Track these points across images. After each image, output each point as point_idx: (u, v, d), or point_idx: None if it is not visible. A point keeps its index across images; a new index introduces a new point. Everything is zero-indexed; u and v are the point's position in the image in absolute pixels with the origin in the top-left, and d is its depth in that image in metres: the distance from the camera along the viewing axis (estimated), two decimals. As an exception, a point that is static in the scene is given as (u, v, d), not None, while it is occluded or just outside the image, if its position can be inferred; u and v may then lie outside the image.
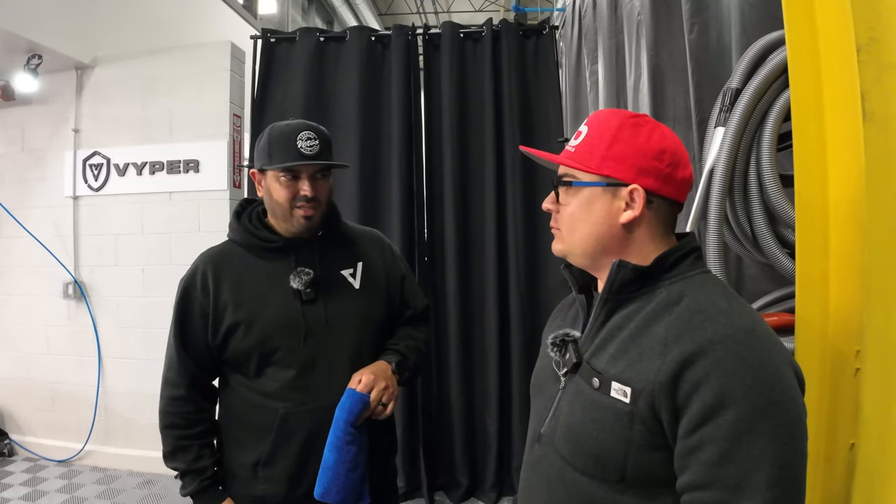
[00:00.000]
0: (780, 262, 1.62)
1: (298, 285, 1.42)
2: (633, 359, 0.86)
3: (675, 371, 0.80)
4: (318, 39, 3.38)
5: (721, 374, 0.77)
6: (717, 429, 0.76)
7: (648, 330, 0.87)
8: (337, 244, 1.55)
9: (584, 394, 0.91)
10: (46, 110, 3.97)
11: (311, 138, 1.39)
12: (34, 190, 3.99)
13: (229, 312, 1.42)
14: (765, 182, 1.55)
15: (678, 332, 0.83)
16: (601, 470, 0.87)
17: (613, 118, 0.95)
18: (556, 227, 1.02)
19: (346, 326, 1.46)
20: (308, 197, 1.40)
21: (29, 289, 4.01)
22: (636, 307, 0.91)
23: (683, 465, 0.80)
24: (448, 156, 3.24)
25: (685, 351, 0.80)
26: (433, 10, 11.34)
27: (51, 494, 3.40)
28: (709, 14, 2.25)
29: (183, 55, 3.82)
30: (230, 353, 1.44)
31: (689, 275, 0.92)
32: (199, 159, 3.68)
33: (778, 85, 1.56)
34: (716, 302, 0.86)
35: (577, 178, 0.96)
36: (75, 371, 3.89)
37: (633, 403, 0.84)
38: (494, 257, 3.17)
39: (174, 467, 1.46)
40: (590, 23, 3.93)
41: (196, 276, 1.48)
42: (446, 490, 3.28)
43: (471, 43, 3.36)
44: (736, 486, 0.75)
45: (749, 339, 0.80)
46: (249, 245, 1.49)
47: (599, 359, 0.92)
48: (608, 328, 0.93)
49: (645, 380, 0.83)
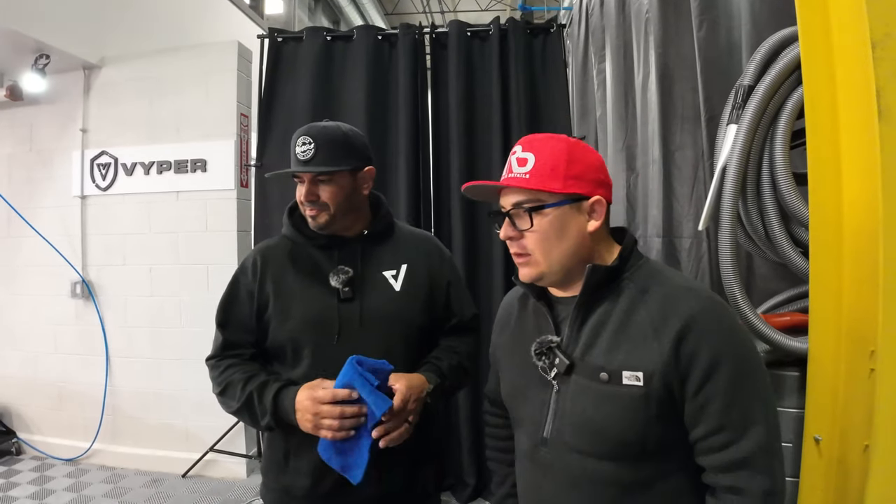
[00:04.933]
0: (794, 261, 1.60)
1: (336, 283, 1.45)
2: (630, 348, 0.99)
3: (673, 348, 0.95)
4: (326, 39, 3.38)
5: (708, 341, 0.95)
6: (716, 384, 0.94)
7: (631, 321, 1.00)
8: (383, 244, 1.55)
9: (593, 389, 1.01)
10: (54, 110, 3.99)
11: (306, 143, 1.42)
12: (42, 190, 4.01)
13: (271, 301, 1.47)
14: (778, 180, 1.53)
15: (661, 317, 0.98)
16: (624, 450, 0.99)
17: (560, 142, 1.06)
18: (523, 252, 1.07)
19: (379, 327, 1.46)
20: (304, 201, 1.44)
21: (37, 288, 4.03)
22: (609, 303, 1.04)
23: (695, 421, 0.96)
24: (455, 155, 3.22)
25: (675, 328, 0.95)
26: (439, 10, 11.34)
27: (58, 493, 3.41)
28: (718, 11, 2.23)
29: (190, 55, 3.83)
30: (269, 342, 1.48)
31: (640, 264, 1.07)
32: (207, 159, 3.70)
33: (791, 82, 1.54)
34: (676, 283, 1.03)
35: (543, 201, 1.03)
36: (83, 370, 3.91)
37: (647, 386, 0.96)
38: (501, 257, 3.16)
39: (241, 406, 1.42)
40: (597, 21, 3.91)
41: (248, 262, 1.54)
42: (453, 490, 3.27)
43: (478, 42, 3.34)
44: (742, 423, 0.94)
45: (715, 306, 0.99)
46: (297, 241, 1.52)
47: (593, 355, 1.02)
48: (590, 326, 1.04)
49: (652, 362, 0.96)
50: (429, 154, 3.33)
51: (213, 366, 1.51)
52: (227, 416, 1.53)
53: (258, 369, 1.47)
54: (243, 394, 1.40)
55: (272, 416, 1.37)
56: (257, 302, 1.48)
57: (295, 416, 1.35)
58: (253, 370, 1.45)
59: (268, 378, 1.43)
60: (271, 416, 1.37)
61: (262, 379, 1.42)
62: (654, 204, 2.70)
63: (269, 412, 1.37)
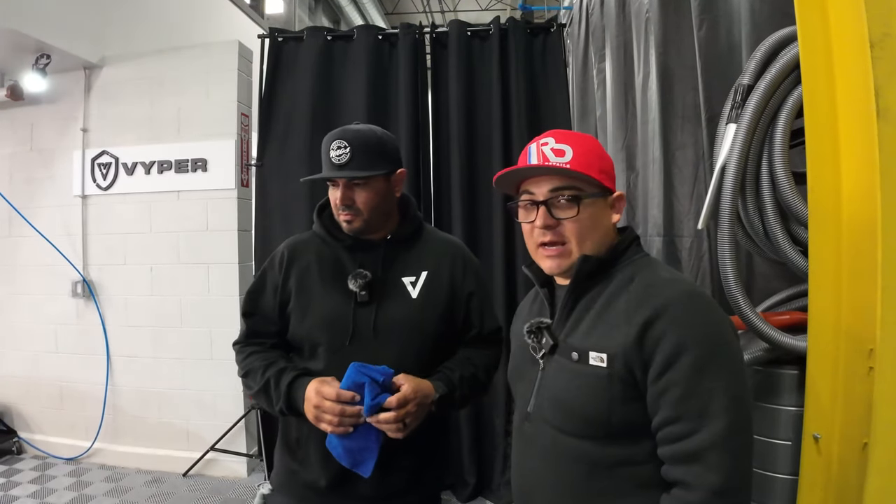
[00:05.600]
0: (793, 260, 1.61)
1: (354, 286, 1.45)
2: (604, 331, 1.03)
3: (639, 332, 0.97)
4: (326, 38, 3.39)
5: (675, 328, 0.96)
6: (678, 372, 0.94)
7: (611, 307, 1.05)
8: (407, 249, 1.54)
9: (566, 367, 1.07)
10: (55, 110, 3.99)
11: (341, 147, 1.41)
12: (43, 189, 4.01)
13: (293, 297, 1.49)
14: (777, 179, 1.54)
15: (637, 304, 1.01)
16: (590, 428, 1.02)
17: (589, 137, 1.15)
18: (558, 241, 1.10)
19: (392, 334, 1.45)
20: (339, 206, 1.44)
21: (38, 288, 4.03)
22: (597, 291, 1.09)
23: (655, 408, 0.97)
24: (455, 154, 3.23)
25: (645, 315, 0.98)
26: (439, 10, 11.34)
27: (59, 492, 3.41)
28: (718, 11, 2.23)
29: (191, 54, 3.83)
30: (290, 336, 1.51)
31: (635, 258, 1.11)
32: (207, 158, 3.70)
33: (790, 81, 1.54)
34: (661, 275, 1.07)
35: (582, 190, 1.08)
36: (84, 369, 3.91)
37: (609, 366, 1.00)
38: (502, 256, 3.17)
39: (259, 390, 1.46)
40: (597, 20, 3.90)
41: (276, 255, 1.57)
42: (454, 489, 3.28)
43: (478, 41, 3.35)
44: (699, 415, 0.92)
45: (692, 298, 1.00)
46: (325, 239, 1.54)
47: (574, 337, 1.08)
48: (577, 311, 1.10)
49: (618, 345, 0.99)
50: (429, 154, 3.34)
51: (238, 350, 1.56)
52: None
53: (278, 357, 1.50)
54: (262, 379, 1.44)
55: (285, 402, 1.40)
56: (280, 296, 1.51)
57: (303, 405, 1.37)
58: (273, 357, 1.49)
59: (286, 366, 1.46)
60: (284, 402, 1.40)
61: (280, 366, 1.46)
62: (654, 203, 2.71)
63: (283, 398, 1.40)
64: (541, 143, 1.11)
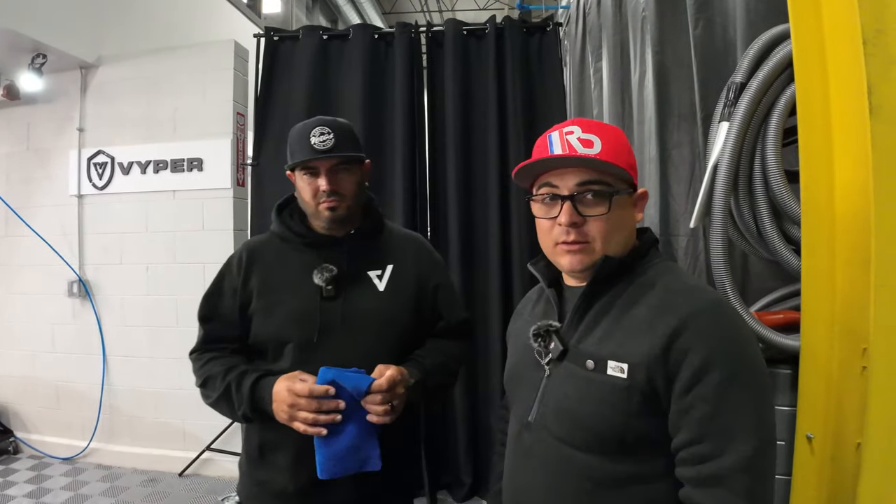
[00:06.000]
0: (786, 258, 1.60)
1: (320, 281, 1.43)
2: (622, 339, 0.95)
3: (664, 343, 0.90)
4: (322, 38, 3.38)
5: (703, 341, 0.89)
6: (705, 388, 0.87)
7: (630, 313, 0.97)
8: (370, 244, 1.54)
9: (579, 376, 0.99)
10: (51, 109, 3.99)
11: (325, 133, 1.41)
12: (39, 189, 4.02)
13: (254, 297, 1.46)
14: (770, 178, 1.53)
15: (659, 311, 0.94)
16: (600, 442, 0.95)
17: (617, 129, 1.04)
18: (582, 240, 1.00)
19: (360, 327, 1.44)
20: (327, 191, 1.42)
21: (34, 287, 4.03)
22: (614, 294, 1.01)
23: (678, 426, 0.90)
24: (451, 153, 3.22)
25: (671, 325, 0.91)
26: (437, 9, 11.33)
27: (55, 492, 3.41)
28: (714, 10, 2.22)
29: (187, 54, 3.84)
30: (252, 338, 1.48)
31: (655, 262, 1.04)
32: (203, 158, 3.70)
33: (783, 79, 1.54)
34: (685, 282, 1.00)
35: (612, 186, 0.99)
36: (80, 369, 3.91)
37: (630, 378, 0.92)
38: (498, 255, 3.16)
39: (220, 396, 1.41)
40: (594, 20, 3.90)
41: (234, 257, 1.54)
42: (450, 489, 3.27)
43: (474, 40, 3.34)
44: (725, 436, 0.86)
45: (719, 309, 0.94)
46: (286, 238, 1.52)
47: (587, 343, 1.00)
48: (591, 315, 1.02)
49: (640, 354, 0.92)
50: (425, 153, 3.33)
51: (196, 359, 1.52)
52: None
53: (239, 361, 1.46)
54: (222, 384, 1.40)
55: (249, 405, 1.36)
56: (241, 298, 1.47)
57: (271, 406, 1.34)
58: (234, 362, 1.45)
59: (247, 368, 1.43)
60: (248, 405, 1.36)
61: (241, 369, 1.42)
62: (650, 202, 2.69)
63: (247, 400, 1.36)
64: (565, 132, 1.01)
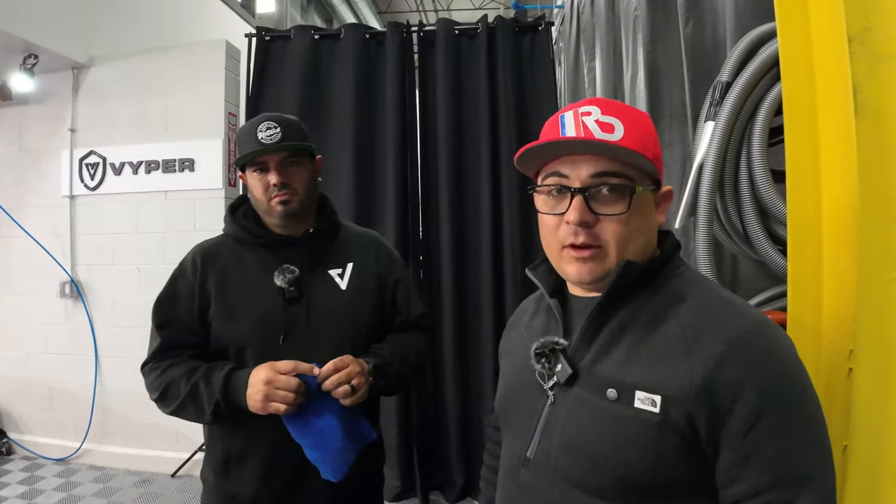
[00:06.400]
0: (772, 259, 1.59)
1: (282, 283, 1.41)
2: (650, 364, 0.79)
3: (709, 373, 0.75)
4: (313, 37, 3.37)
5: (758, 372, 0.74)
6: (767, 429, 0.73)
7: (658, 331, 0.81)
8: (328, 243, 1.53)
9: (596, 407, 0.82)
10: (43, 110, 3.98)
11: (271, 128, 1.39)
12: (31, 189, 4.00)
13: (213, 301, 1.42)
14: (756, 177, 1.52)
15: (697, 330, 0.78)
16: (622, 489, 0.79)
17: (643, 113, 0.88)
18: (593, 244, 0.84)
19: (327, 327, 1.43)
20: (278, 185, 1.39)
21: (26, 288, 4.02)
22: (635, 307, 0.84)
23: (736, 475, 0.75)
24: (443, 153, 3.21)
25: (715, 351, 0.75)
26: (433, 9, 11.33)
27: (48, 493, 3.40)
28: (703, 9, 2.22)
29: (178, 54, 3.82)
30: (212, 344, 1.43)
31: (680, 271, 0.88)
32: (195, 158, 3.69)
33: (769, 78, 1.53)
34: (721, 296, 0.84)
35: (633, 179, 0.83)
36: (73, 370, 3.90)
37: (663, 413, 0.76)
38: (490, 255, 3.15)
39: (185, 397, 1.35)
40: (588, 19, 3.90)
41: (187, 260, 1.48)
42: (442, 489, 3.27)
43: (466, 40, 3.33)
44: (797, 480, 0.73)
45: (767, 330, 0.78)
46: (240, 239, 1.48)
47: (604, 366, 0.83)
48: (607, 332, 0.85)
49: (677, 385, 0.76)
50: (416, 152, 3.32)
51: (151, 370, 1.42)
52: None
53: (201, 364, 1.39)
54: (188, 385, 1.34)
55: (222, 394, 1.31)
56: (199, 302, 1.42)
57: (244, 395, 1.29)
58: (195, 364, 1.39)
59: (213, 365, 1.37)
60: (221, 395, 1.31)
61: (207, 367, 1.37)
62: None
63: (219, 391, 1.31)
64: (581, 112, 0.84)
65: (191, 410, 1.36)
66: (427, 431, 3.23)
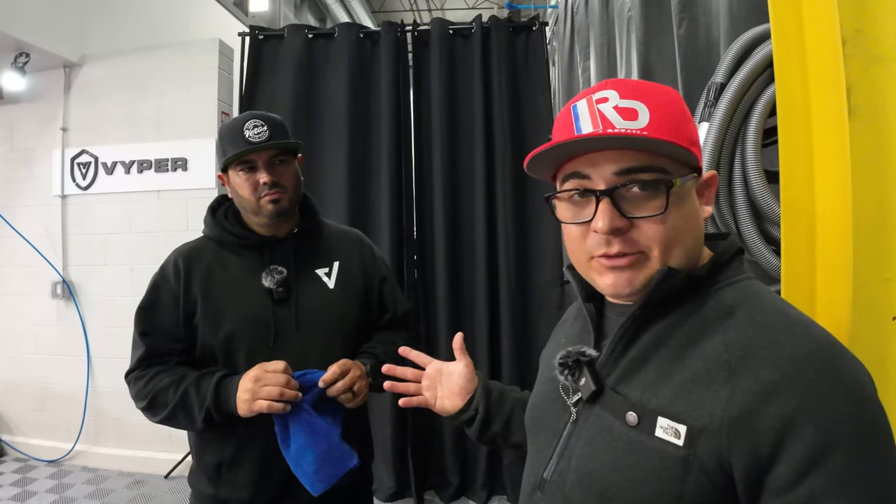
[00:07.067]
0: (766, 259, 1.59)
1: (270, 284, 1.39)
2: (683, 387, 0.66)
3: (751, 404, 0.60)
4: (307, 36, 3.36)
5: (819, 404, 0.59)
6: (830, 477, 0.57)
7: (698, 348, 0.68)
8: (313, 242, 1.52)
9: (614, 432, 0.71)
10: (34, 109, 3.94)
11: (258, 126, 1.36)
12: (22, 189, 3.97)
13: (199, 306, 1.39)
14: (749, 178, 1.53)
15: (744, 351, 0.64)
16: None
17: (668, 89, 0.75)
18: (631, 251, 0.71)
19: (316, 327, 1.42)
20: (268, 183, 1.37)
21: (17, 288, 3.99)
22: (674, 319, 0.72)
23: None
24: (437, 153, 3.22)
25: (762, 377, 0.61)
26: (427, 8, 11.31)
27: (40, 495, 3.37)
28: (697, 9, 2.23)
29: (171, 53, 3.80)
30: (199, 350, 1.41)
31: (737, 279, 0.73)
32: (188, 157, 3.66)
33: (763, 79, 1.53)
34: (782, 310, 0.67)
35: (668, 172, 0.71)
36: (65, 371, 3.87)
37: (688, 447, 0.64)
38: (484, 255, 3.15)
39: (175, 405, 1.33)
40: (582, 19, 3.91)
41: (168, 265, 1.45)
42: (436, 489, 3.27)
43: (460, 39, 3.33)
44: None
45: (836, 355, 0.62)
46: (223, 241, 1.45)
47: (630, 386, 0.72)
48: (639, 346, 0.73)
49: (708, 415, 0.63)
50: (411, 152, 3.32)
51: (136, 378, 1.40)
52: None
53: (189, 371, 1.38)
54: (177, 393, 1.32)
55: (213, 401, 1.30)
56: (183, 307, 1.39)
57: (235, 400, 1.29)
58: (184, 371, 1.37)
59: (205, 372, 1.36)
60: (212, 401, 1.30)
61: (197, 374, 1.35)
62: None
63: (210, 398, 1.30)
64: (596, 100, 0.72)
65: (181, 418, 1.34)
66: (421, 431, 3.23)
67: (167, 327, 1.40)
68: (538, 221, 3.14)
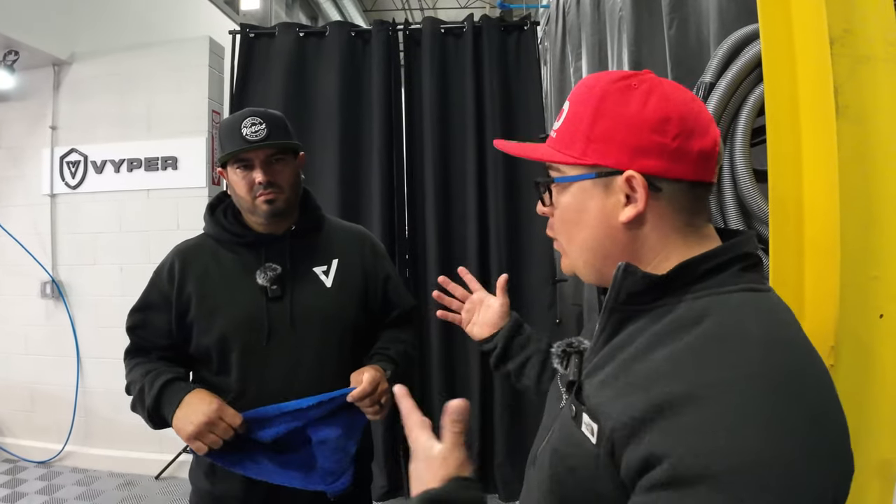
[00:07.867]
0: (756, 258, 1.61)
1: (264, 281, 1.39)
2: (624, 389, 0.65)
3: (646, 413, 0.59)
4: (298, 35, 3.35)
5: (690, 445, 0.55)
6: None
7: (648, 356, 0.66)
8: (312, 240, 1.51)
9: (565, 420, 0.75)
10: (23, 107, 3.93)
11: (257, 123, 1.35)
12: (11, 188, 3.95)
13: (193, 305, 1.40)
14: (738, 177, 1.53)
15: (677, 364, 0.62)
16: None
17: (596, 85, 0.73)
18: (552, 236, 0.83)
19: (311, 326, 1.42)
20: (263, 183, 1.36)
21: (6, 288, 3.97)
22: (646, 322, 0.69)
23: None
24: (429, 151, 3.21)
25: (671, 391, 0.59)
26: (418, 7, 11.31)
27: (30, 496, 3.36)
28: (688, 9, 2.23)
29: (161, 51, 3.78)
30: (193, 348, 1.41)
31: (727, 289, 0.67)
32: (178, 156, 3.65)
33: (752, 79, 1.54)
34: (747, 328, 0.62)
35: (561, 171, 0.76)
36: (54, 371, 3.85)
37: (598, 445, 0.65)
38: (476, 253, 3.15)
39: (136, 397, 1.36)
40: (574, 19, 3.92)
41: (164, 265, 1.46)
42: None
43: (452, 39, 3.33)
44: None
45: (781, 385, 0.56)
46: (221, 239, 1.45)
47: (593, 380, 0.72)
48: (613, 345, 0.72)
49: (619, 419, 0.62)
50: (402, 151, 3.31)
51: (126, 363, 1.46)
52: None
53: (160, 366, 1.39)
54: (138, 386, 1.35)
55: (153, 402, 1.30)
56: (176, 308, 1.40)
57: (173, 412, 1.28)
58: (154, 367, 1.38)
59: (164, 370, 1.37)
60: (152, 402, 1.30)
61: (159, 370, 1.36)
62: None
63: (151, 398, 1.30)
64: None
65: (141, 413, 1.36)
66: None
67: (157, 326, 1.43)
68: (530, 220, 3.14)
